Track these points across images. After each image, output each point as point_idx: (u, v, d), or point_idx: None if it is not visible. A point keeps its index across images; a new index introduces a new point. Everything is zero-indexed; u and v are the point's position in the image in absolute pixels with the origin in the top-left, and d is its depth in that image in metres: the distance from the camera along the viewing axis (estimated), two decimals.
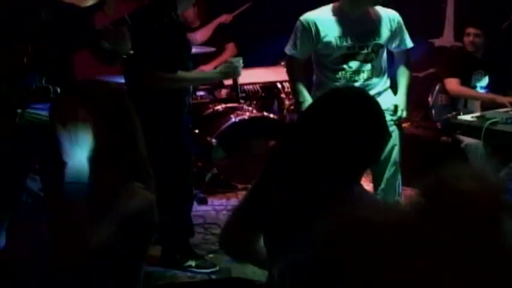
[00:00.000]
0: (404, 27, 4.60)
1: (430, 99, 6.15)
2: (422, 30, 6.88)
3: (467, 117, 5.10)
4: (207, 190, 5.68)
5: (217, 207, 5.53)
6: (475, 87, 5.84)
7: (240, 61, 4.36)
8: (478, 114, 5.22)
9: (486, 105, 5.64)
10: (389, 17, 4.52)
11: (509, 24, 6.78)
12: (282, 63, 5.83)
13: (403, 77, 4.65)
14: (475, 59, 5.84)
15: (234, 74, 4.53)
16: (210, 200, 5.63)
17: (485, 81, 5.88)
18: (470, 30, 5.81)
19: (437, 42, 7.07)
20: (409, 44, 4.64)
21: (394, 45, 4.58)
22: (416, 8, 6.80)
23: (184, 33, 4.41)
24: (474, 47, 5.81)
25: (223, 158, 5.75)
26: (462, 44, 6.01)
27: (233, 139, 5.73)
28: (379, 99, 4.51)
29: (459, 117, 5.17)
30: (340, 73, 4.42)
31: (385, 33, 4.48)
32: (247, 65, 6.56)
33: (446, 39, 7.01)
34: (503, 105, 5.45)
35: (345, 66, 4.41)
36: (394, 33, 4.53)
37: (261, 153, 5.55)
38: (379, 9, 4.52)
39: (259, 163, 2.43)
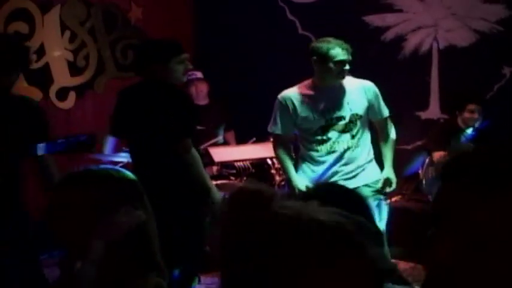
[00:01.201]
0: (380, 97, 4.72)
1: (420, 171, 6.16)
2: (408, 104, 6.97)
3: None
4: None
5: (210, 286, 5.46)
6: None
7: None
8: None
9: None
10: (364, 87, 4.67)
11: (493, 95, 6.87)
12: (271, 139, 5.86)
13: (386, 148, 4.73)
14: (462, 132, 5.88)
15: (215, 202, 4.48)
16: (202, 279, 5.56)
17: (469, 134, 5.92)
18: (472, 107, 5.83)
19: (424, 115, 7.12)
20: (386, 113, 4.75)
21: (372, 115, 4.67)
22: (401, 82, 6.91)
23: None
24: (472, 123, 5.85)
25: (216, 235, 5.68)
26: (449, 116, 6.05)
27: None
28: (363, 174, 4.61)
29: None
30: (321, 145, 4.53)
31: (362, 103, 4.60)
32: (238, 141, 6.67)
33: (433, 111, 7.08)
34: None
35: (324, 137, 4.54)
36: (371, 103, 4.65)
37: None
38: (354, 80, 4.67)
39: None
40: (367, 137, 4.68)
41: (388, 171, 4.67)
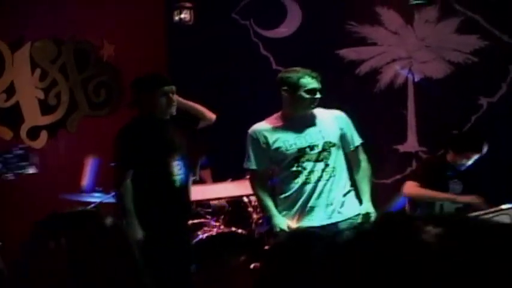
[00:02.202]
0: (352, 126, 4.67)
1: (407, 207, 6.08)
2: (385, 137, 6.94)
3: None
4: None
5: None
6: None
7: None
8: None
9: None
10: (336, 116, 4.66)
11: (471, 126, 6.85)
12: (247, 177, 5.77)
13: (362, 181, 4.70)
14: (454, 169, 5.80)
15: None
16: None
17: (459, 188, 5.85)
18: (473, 155, 5.73)
19: (402, 148, 7.08)
20: (358, 141, 4.70)
21: (345, 145, 4.62)
22: (378, 115, 6.87)
23: None
24: (462, 167, 5.78)
25: (192, 274, 5.57)
26: (446, 152, 5.96)
27: (202, 256, 5.58)
28: (342, 209, 4.53)
29: None
30: (296, 177, 4.47)
31: (334, 131, 4.57)
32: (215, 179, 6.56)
33: (411, 144, 7.04)
34: (468, 205, 5.45)
35: (299, 168, 4.46)
36: (343, 132, 4.62)
37: (232, 269, 5.42)
38: (324, 110, 4.65)
39: (230, 279, 2.31)
40: (343, 167, 4.60)
41: (367, 206, 4.58)
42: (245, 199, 6.14)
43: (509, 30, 6.72)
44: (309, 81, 4.45)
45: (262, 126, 4.58)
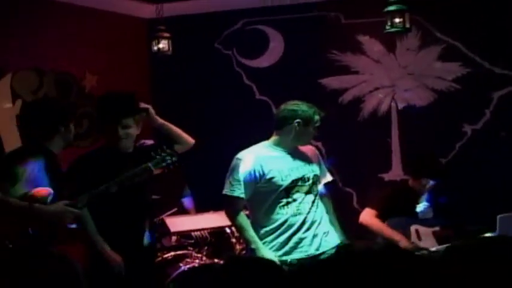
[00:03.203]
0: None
1: None
2: (370, 166, 6.92)
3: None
4: None
5: None
6: (425, 219, 5.78)
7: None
8: (433, 249, 5.15)
9: (442, 240, 5.53)
10: (314, 150, 4.74)
11: (455, 154, 6.84)
12: (226, 206, 5.73)
13: (331, 213, 4.66)
14: (416, 193, 5.81)
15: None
16: None
17: (430, 213, 5.84)
18: (427, 181, 5.75)
19: (387, 176, 7.06)
20: (330, 177, 4.76)
21: (322, 179, 4.63)
22: (362, 144, 6.86)
23: None
24: (424, 192, 5.79)
25: None
26: (407, 178, 5.97)
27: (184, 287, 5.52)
28: (328, 238, 4.50)
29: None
30: (285, 207, 4.39)
31: (316, 165, 4.64)
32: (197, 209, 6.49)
33: (396, 172, 7.01)
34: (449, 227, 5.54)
35: (289, 199, 4.40)
36: (321, 166, 4.69)
37: None
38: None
39: None
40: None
41: (343, 237, 4.62)
42: (228, 230, 6.07)
43: (489, 57, 6.74)
44: (318, 118, 4.54)
45: (257, 154, 4.48)
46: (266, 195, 4.45)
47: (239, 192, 4.43)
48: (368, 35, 7.06)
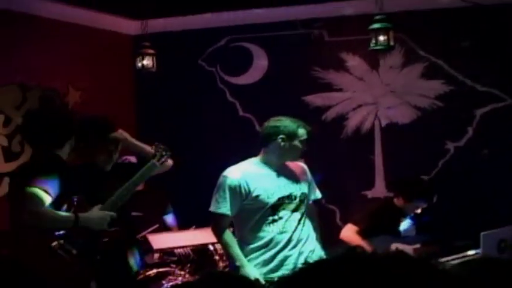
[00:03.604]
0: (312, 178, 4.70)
1: None
2: (353, 183, 6.93)
3: None
4: None
5: None
6: (407, 236, 5.79)
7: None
8: None
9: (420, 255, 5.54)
10: (303, 168, 4.68)
11: (438, 171, 6.86)
12: (212, 223, 5.71)
13: (316, 231, 4.64)
14: (401, 211, 5.83)
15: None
16: None
17: (413, 230, 5.86)
18: (422, 205, 5.79)
19: (370, 193, 7.07)
20: (319, 194, 4.73)
21: (308, 196, 4.61)
22: (345, 161, 6.87)
23: None
24: (412, 214, 5.83)
25: None
26: (394, 196, 5.98)
27: None
28: (314, 255, 4.48)
29: None
30: (271, 225, 4.36)
31: (305, 183, 4.59)
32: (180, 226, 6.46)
33: (379, 190, 7.03)
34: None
35: (275, 217, 4.37)
36: (310, 184, 4.64)
37: None
38: (290, 162, 4.63)
39: None
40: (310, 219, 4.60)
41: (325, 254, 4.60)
42: (211, 247, 6.04)
43: (471, 74, 6.79)
44: (303, 132, 4.48)
45: (243, 171, 4.45)
46: (252, 212, 4.42)
47: (225, 209, 4.41)
48: (351, 52, 7.09)
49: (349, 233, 5.65)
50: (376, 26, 5.86)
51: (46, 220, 4.03)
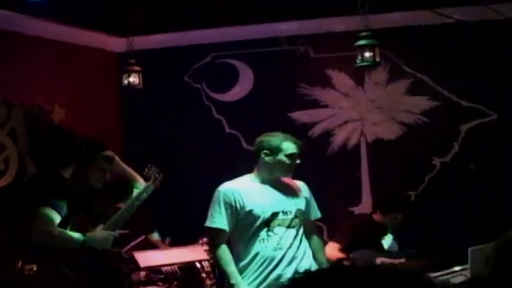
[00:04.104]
0: (313, 197, 4.62)
1: None
2: (340, 199, 6.92)
3: None
4: None
5: None
6: (389, 251, 5.80)
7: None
8: None
9: None
10: (301, 185, 4.63)
11: (424, 187, 6.87)
12: (200, 242, 5.71)
13: (320, 250, 4.59)
14: (381, 226, 5.85)
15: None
16: None
17: (396, 247, 5.88)
18: (399, 215, 5.84)
19: (357, 210, 7.06)
20: (319, 213, 4.67)
21: (307, 215, 4.56)
22: (332, 177, 6.86)
23: None
24: (391, 227, 5.86)
25: None
26: (374, 213, 6.01)
27: None
28: None
29: None
30: (265, 241, 4.31)
31: (302, 199, 4.54)
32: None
33: (366, 206, 7.02)
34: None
35: (270, 233, 4.33)
36: (308, 201, 4.58)
37: None
38: (289, 179, 4.59)
39: None
40: (304, 236, 4.54)
41: None
42: (198, 265, 6.01)
43: (456, 90, 6.82)
44: (290, 146, 4.43)
45: (237, 186, 4.42)
46: (246, 228, 4.38)
47: (220, 224, 4.36)
48: (337, 69, 7.11)
49: (331, 250, 5.65)
50: (362, 42, 5.87)
51: (57, 239, 4.12)
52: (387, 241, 5.88)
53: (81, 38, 7.19)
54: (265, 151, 4.42)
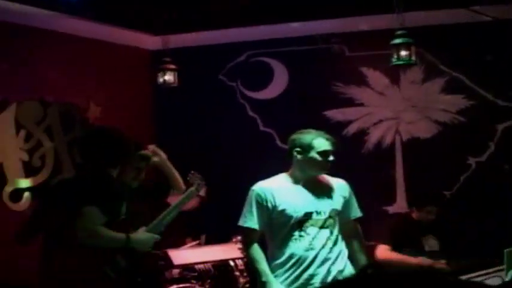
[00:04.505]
0: (354, 196, 4.53)
1: None
2: (374, 198, 6.88)
3: None
4: None
5: None
6: (431, 251, 5.74)
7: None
8: None
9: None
10: (340, 184, 4.52)
11: (460, 187, 6.82)
12: (234, 240, 5.71)
13: (361, 252, 4.52)
14: (421, 225, 5.80)
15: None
16: None
17: (436, 245, 5.81)
18: (432, 208, 5.78)
19: (391, 209, 7.02)
20: (359, 212, 4.56)
21: (346, 215, 4.47)
22: (366, 176, 6.82)
23: None
24: (427, 223, 5.80)
25: None
26: (411, 211, 5.96)
27: None
28: (340, 277, 4.39)
29: None
30: (297, 242, 4.27)
31: (339, 199, 4.43)
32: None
33: (400, 205, 6.97)
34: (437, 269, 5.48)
35: (302, 233, 4.27)
36: (347, 201, 4.48)
37: None
38: (329, 177, 4.50)
39: None
40: (342, 237, 4.47)
41: None
42: (231, 263, 6.02)
43: (493, 89, 6.75)
44: (322, 143, 4.34)
45: (270, 185, 4.37)
46: (279, 227, 4.33)
47: (251, 223, 4.33)
48: (372, 67, 7.08)
49: (383, 251, 5.61)
50: (397, 41, 5.83)
51: (101, 239, 4.06)
52: (427, 240, 5.82)
53: (115, 36, 7.24)
54: (297, 149, 4.37)
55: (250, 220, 4.33)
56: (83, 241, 4.00)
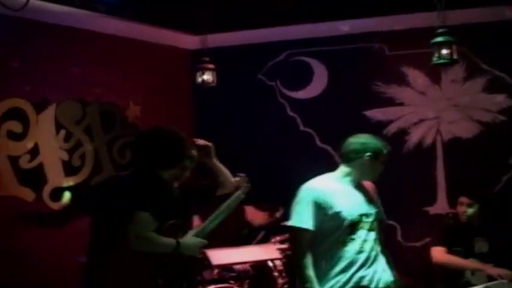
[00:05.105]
0: None
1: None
2: (415, 199, 6.81)
3: None
4: None
5: None
6: (480, 253, 5.63)
7: None
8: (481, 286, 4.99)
9: (492, 278, 5.40)
10: (373, 187, 4.50)
11: (501, 187, 6.71)
12: (273, 240, 5.69)
13: (384, 251, 4.48)
14: (471, 226, 5.68)
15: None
16: None
17: (486, 247, 5.69)
18: (464, 200, 5.68)
19: (432, 210, 6.94)
20: (384, 214, 4.55)
21: (380, 216, 4.46)
22: (407, 176, 6.76)
23: None
24: (467, 217, 5.66)
25: None
26: (455, 211, 5.86)
27: None
28: (384, 274, 4.36)
29: None
30: (348, 245, 4.21)
31: (377, 201, 4.44)
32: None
33: (441, 206, 6.90)
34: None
35: (353, 236, 4.21)
36: (379, 204, 4.47)
37: None
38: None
39: None
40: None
41: (395, 274, 4.43)
42: (270, 263, 6.00)
43: None
44: (386, 154, 4.39)
45: (326, 186, 4.29)
46: (330, 230, 4.24)
47: (306, 223, 4.20)
48: (412, 66, 7.01)
49: (441, 255, 5.55)
50: (438, 39, 5.73)
51: (152, 245, 3.95)
52: (477, 242, 5.72)
53: (154, 36, 7.27)
54: (369, 153, 4.32)
55: (306, 220, 4.21)
56: (136, 247, 3.91)
